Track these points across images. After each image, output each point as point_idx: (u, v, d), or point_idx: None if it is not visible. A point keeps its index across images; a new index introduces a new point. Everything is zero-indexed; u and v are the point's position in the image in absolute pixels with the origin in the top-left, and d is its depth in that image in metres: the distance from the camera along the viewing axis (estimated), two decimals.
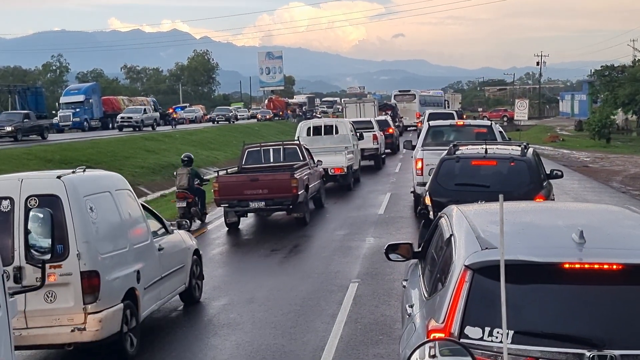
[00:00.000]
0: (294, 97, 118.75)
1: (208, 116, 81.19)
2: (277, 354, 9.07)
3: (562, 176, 15.31)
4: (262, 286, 12.75)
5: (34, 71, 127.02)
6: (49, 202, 7.66)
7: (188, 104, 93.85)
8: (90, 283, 8.32)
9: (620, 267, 4.52)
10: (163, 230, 11.00)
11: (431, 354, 3.53)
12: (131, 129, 52.97)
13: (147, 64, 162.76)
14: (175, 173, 20.97)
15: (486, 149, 13.41)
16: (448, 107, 79.53)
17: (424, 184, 17.33)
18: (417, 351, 3.53)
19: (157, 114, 61.55)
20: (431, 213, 12.85)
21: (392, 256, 7.03)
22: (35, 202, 7.57)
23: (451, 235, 5.50)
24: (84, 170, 9.15)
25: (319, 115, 73.41)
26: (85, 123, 55.88)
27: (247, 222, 20.01)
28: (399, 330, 8.17)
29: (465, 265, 4.74)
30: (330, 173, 24.46)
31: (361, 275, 13.07)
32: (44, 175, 9.14)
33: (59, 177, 8.45)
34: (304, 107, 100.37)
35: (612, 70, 65.68)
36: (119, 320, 8.74)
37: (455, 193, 12.49)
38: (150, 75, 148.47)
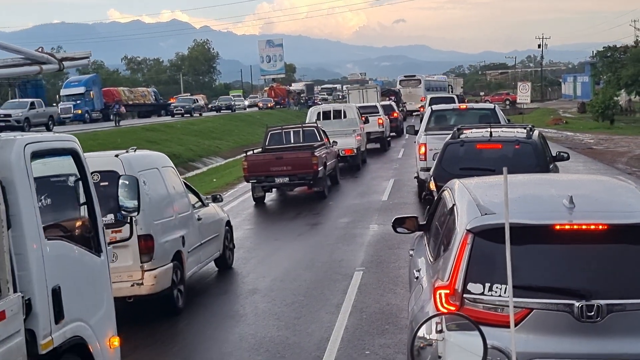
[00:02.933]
0: (292, 84, 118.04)
1: (210, 105, 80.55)
2: (281, 346, 8.88)
3: (568, 158, 14.99)
4: (265, 276, 12.57)
5: None
6: (109, 177, 8.41)
7: (189, 94, 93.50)
8: (146, 245, 9.75)
9: (605, 227, 5.04)
10: (200, 203, 12.41)
11: (438, 329, 3.52)
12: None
13: (148, 54, 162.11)
14: None
15: (491, 132, 13.22)
16: (452, 91, 79.30)
17: (427, 169, 17.22)
18: (424, 326, 3.52)
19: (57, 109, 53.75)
20: (437, 195, 12.60)
21: (398, 229, 7.55)
22: (98, 177, 8.18)
23: (454, 205, 6.01)
24: (135, 150, 10.50)
25: (319, 103, 73.02)
26: (86, 115, 55.64)
27: (248, 212, 19.86)
28: (405, 320, 8.02)
29: (467, 229, 5.24)
30: (341, 154, 25.81)
31: (366, 263, 12.88)
32: (104, 155, 10.44)
33: (116, 156, 9.73)
34: (302, 95, 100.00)
35: (615, 51, 65.29)
36: (169, 277, 10.21)
37: (460, 178, 12.22)
38: (150, 66, 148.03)
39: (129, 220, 8.05)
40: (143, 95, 71.86)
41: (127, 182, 7.70)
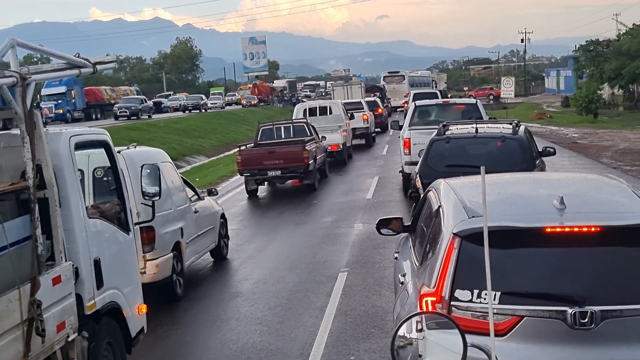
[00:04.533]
0: (274, 82, 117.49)
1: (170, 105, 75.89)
2: (264, 353, 8.61)
3: (554, 153, 14.92)
4: (247, 279, 12.31)
5: None
6: (107, 173, 8.60)
7: (172, 92, 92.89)
8: (148, 235, 10.19)
9: (598, 229, 4.79)
10: (196, 196, 12.91)
11: (418, 327, 3.48)
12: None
13: (130, 53, 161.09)
14: None
15: (477, 128, 13.07)
16: (436, 87, 79.24)
17: (412, 163, 17.69)
18: (405, 325, 3.48)
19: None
20: (422, 196, 12.40)
21: (383, 230, 7.33)
22: (101, 172, 8.37)
23: (439, 206, 5.75)
24: (135, 147, 10.92)
25: (303, 100, 72.72)
26: (68, 115, 55.07)
27: (232, 211, 19.59)
28: (390, 323, 7.77)
29: (453, 233, 4.99)
30: (327, 150, 26.09)
31: (350, 263, 12.64)
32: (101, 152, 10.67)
33: (118, 152, 9.73)
34: (284, 92, 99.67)
35: (597, 45, 65.23)
36: (170, 267, 10.75)
37: (446, 175, 11.97)
38: (133, 65, 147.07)
39: (151, 204, 9.36)
40: (125, 94, 71.25)
41: (149, 171, 9.07)
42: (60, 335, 6.01)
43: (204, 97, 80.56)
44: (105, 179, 7.89)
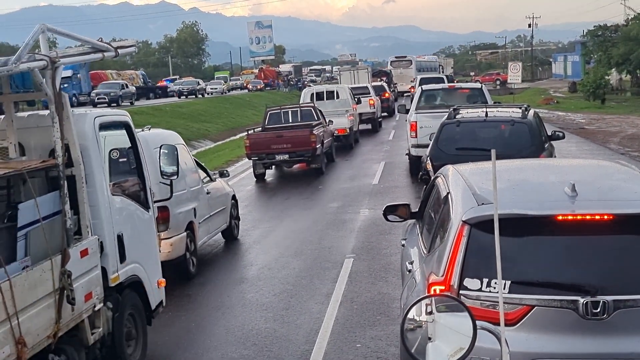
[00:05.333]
0: (279, 66, 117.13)
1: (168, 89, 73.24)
2: (269, 340, 8.53)
3: (563, 137, 15.20)
4: (253, 264, 12.23)
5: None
6: (128, 153, 8.73)
7: (178, 76, 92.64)
8: (162, 215, 10.25)
9: (610, 217, 4.68)
10: (208, 178, 13.11)
11: (428, 310, 3.44)
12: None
13: (136, 37, 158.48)
14: None
15: (486, 112, 13.45)
16: (443, 72, 78.93)
17: (418, 146, 18.82)
18: (414, 307, 3.44)
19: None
20: (430, 182, 12.45)
21: (390, 217, 7.29)
22: (117, 154, 8.45)
23: (448, 193, 5.64)
24: (150, 129, 11.12)
25: (309, 84, 72.48)
26: (73, 98, 54.88)
27: (238, 196, 19.48)
28: (397, 310, 7.70)
29: (462, 221, 4.89)
30: (334, 134, 26.15)
31: (356, 250, 12.54)
32: (122, 133, 10.63)
33: None
34: (289, 76, 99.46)
35: (605, 30, 64.72)
36: (183, 246, 11.06)
37: (456, 157, 12.52)
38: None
39: (169, 183, 9.81)
40: (131, 78, 71.15)
41: (167, 151, 9.42)
42: (88, 304, 6.45)
43: (200, 81, 77.24)
44: (121, 159, 8.13)
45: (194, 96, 65.77)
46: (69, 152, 6.32)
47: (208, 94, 71.71)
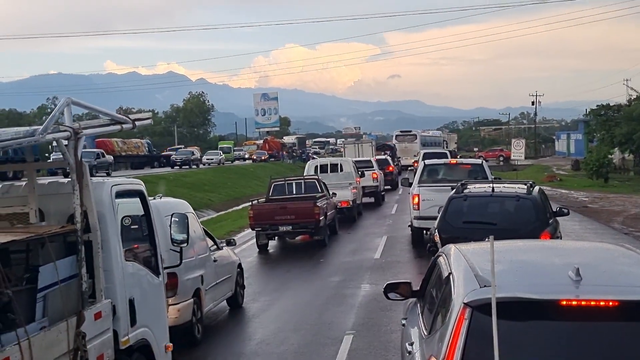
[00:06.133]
0: (284, 137, 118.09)
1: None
2: None
3: (568, 213, 15.69)
4: (251, 339, 12.05)
5: (30, 114, 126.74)
6: (140, 220, 8.95)
7: (182, 146, 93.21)
8: (171, 281, 10.48)
9: (616, 303, 4.58)
10: (215, 246, 13.48)
11: None
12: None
13: (143, 105, 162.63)
14: None
15: (493, 187, 13.82)
16: (447, 147, 79.54)
17: (420, 218, 20.01)
18: None
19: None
20: (431, 261, 12.48)
21: (391, 295, 7.19)
22: (129, 221, 8.61)
23: (450, 273, 5.56)
24: (161, 197, 11.67)
25: (313, 157, 72.80)
26: None
27: None
28: None
29: (464, 303, 4.78)
30: (337, 206, 26.16)
31: (356, 326, 12.36)
32: (134, 201, 10.92)
33: None
34: (293, 148, 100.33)
35: (608, 110, 65.40)
36: (190, 312, 11.32)
37: (463, 230, 12.84)
38: None
39: (179, 250, 10.07)
40: (136, 146, 71.64)
41: (178, 219, 9.75)
42: None
43: (196, 151, 74.94)
44: (133, 226, 8.41)
45: (187, 167, 63.43)
46: (87, 218, 6.57)
47: (203, 164, 69.59)
